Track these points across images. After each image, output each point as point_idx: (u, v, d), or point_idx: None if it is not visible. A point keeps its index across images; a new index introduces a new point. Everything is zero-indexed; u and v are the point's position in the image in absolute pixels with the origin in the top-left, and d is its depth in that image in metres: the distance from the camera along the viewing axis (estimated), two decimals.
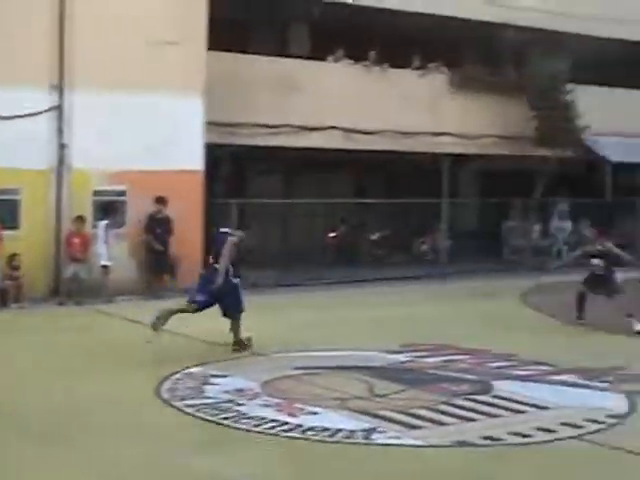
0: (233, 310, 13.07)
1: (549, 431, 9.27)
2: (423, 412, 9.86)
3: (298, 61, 22.91)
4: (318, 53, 23.49)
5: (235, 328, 13.14)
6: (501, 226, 26.43)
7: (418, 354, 13.18)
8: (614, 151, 26.16)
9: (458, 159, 24.90)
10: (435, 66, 24.71)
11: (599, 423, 9.62)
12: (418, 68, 24.62)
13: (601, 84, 26.96)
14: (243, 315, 13.13)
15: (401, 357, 12.97)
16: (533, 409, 10.21)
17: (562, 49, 24.56)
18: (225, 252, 12.84)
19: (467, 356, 13.07)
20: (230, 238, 13.07)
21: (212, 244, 13.65)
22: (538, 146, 24.79)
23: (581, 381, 11.65)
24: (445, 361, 12.76)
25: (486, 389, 11.07)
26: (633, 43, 27.53)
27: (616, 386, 11.35)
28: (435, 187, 24.10)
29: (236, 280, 13.07)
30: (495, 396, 10.75)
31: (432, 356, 13.08)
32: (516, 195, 25.87)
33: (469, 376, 11.78)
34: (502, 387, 11.15)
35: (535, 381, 11.65)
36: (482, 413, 9.96)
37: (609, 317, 16.04)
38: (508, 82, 25.14)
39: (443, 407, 10.12)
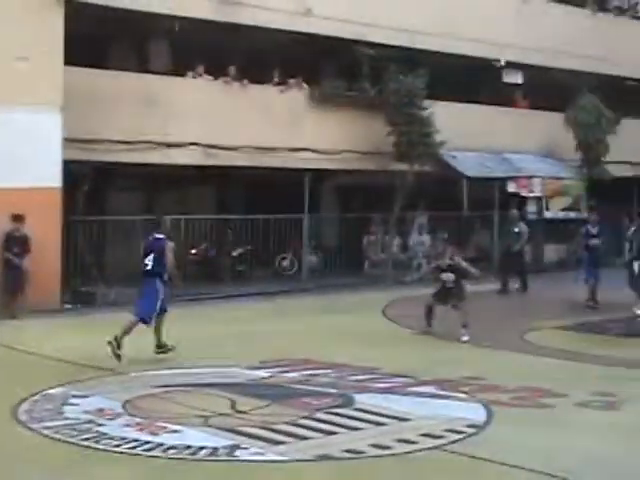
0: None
1: (410, 442, 9.39)
2: (285, 427, 9.87)
3: (158, 77, 22.71)
4: (178, 69, 23.37)
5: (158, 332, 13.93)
6: (362, 240, 26.70)
7: (279, 369, 13.18)
8: (470, 166, 26.76)
9: (319, 174, 25.06)
10: (295, 82, 24.84)
11: (458, 433, 9.79)
12: (278, 84, 24.72)
13: (458, 100, 27.58)
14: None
15: (262, 373, 12.94)
16: (394, 421, 10.32)
17: (419, 65, 25.02)
18: (170, 256, 13.74)
19: (328, 370, 13.13)
20: (169, 243, 13.88)
21: (146, 250, 13.89)
22: (397, 161, 25.16)
23: (440, 392, 11.84)
24: (306, 375, 12.77)
25: (348, 402, 11.14)
26: (488, 60, 28.27)
27: (474, 396, 11.59)
28: (297, 202, 24.20)
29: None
30: (357, 409, 10.83)
31: (293, 371, 13.08)
32: (377, 209, 26.19)
33: (331, 390, 11.83)
34: (363, 400, 11.24)
35: (396, 393, 11.78)
36: (344, 426, 10.02)
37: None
38: (366, 98, 25.46)
39: (305, 422, 10.14)
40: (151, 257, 13.77)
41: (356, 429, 9.95)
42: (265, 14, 23.45)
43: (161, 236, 14.02)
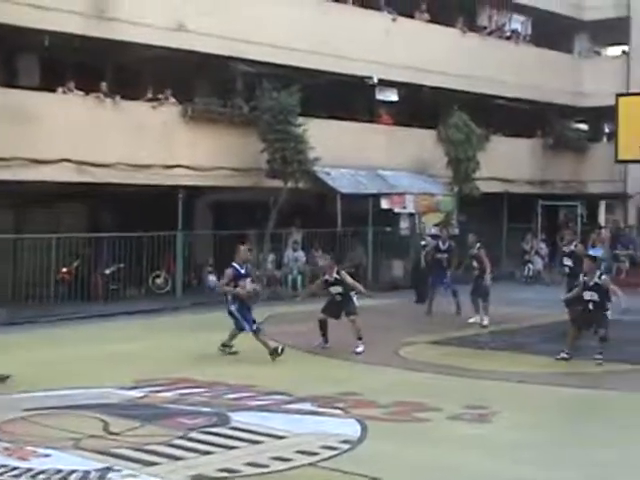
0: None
1: (285, 460, 9.37)
2: (159, 448, 9.73)
3: (28, 92, 22.26)
4: (49, 84, 22.95)
5: None
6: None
7: (153, 389, 12.98)
8: (344, 183, 26.96)
9: (193, 191, 24.91)
10: (167, 98, 24.66)
11: (333, 449, 9.81)
12: (151, 100, 24.50)
13: (333, 118, 27.81)
14: None
15: (136, 393, 12.73)
16: (270, 439, 10.29)
17: (293, 82, 25.14)
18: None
19: (203, 389, 13.01)
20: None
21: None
22: (271, 178, 25.21)
23: (316, 408, 11.85)
24: (181, 395, 12.62)
25: (223, 421, 11.05)
26: (360, 78, 28.60)
27: (349, 412, 11.64)
28: (171, 219, 24.00)
29: None
30: (232, 428, 10.75)
31: (167, 390, 12.91)
32: (251, 226, 26.17)
33: (206, 409, 11.72)
34: (239, 418, 11.17)
35: (272, 411, 11.74)
36: (219, 445, 9.94)
37: (346, 344, 16.47)
38: (240, 114, 25.45)
39: (180, 442, 10.02)
40: None
41: (232, 448, 9.88)
42: (137, 29, 23.26)
43: None
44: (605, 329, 15.24)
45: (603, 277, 15.68)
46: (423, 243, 23.96)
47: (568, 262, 19.11)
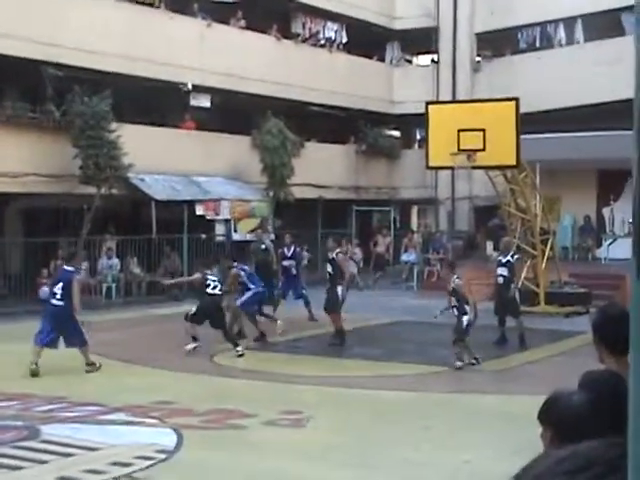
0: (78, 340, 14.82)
1: (98, 472, 9.21)
2: None
3: None
4: None
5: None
6: (49, 265, 25.97)
7: None
8: (159, 189, 26.70)
9: (2, 198, 24.19)
10: None
11: (148, 459, 9.71)
12: None
13: (147, 123, 27.53)
14: None
15: None
16: (83, 451, 10.09)
17: (105, 87, 24.73)
18: (75, 289, 14.81)
19: (13, 402, 12.64)
20: (76, 277, 15.17)
21: (56, 279, 15.11)
22: (84, 184, 24.72)
23: (131, 418, 11.70)
24: None
25: (34, 434, 10.77)
26: (175, 83, 28.43)
27: (164, 421, 11.52)
28: None
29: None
30: (43, 441, 10.50)
31: None
32: (65, 233, 25.59)
33: (16, 422, 11.39)
34: (51, 431, 10.91)
35: (85, 422, 11.51)
36: (30, 460, 9.69)
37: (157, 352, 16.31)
38: (51, 120, 24.88)
39: None
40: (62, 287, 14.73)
41: (43, 462, 9.63)
42: None
43: (72, 269, 15.28)
44: (459, 333, 15.44)
45: (457, 281, 15.76)
46: (263, 247, 23.75)
47: (329, 269, 18.94)
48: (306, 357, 17.16)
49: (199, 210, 27.64)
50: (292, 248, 21.68)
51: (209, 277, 17.49)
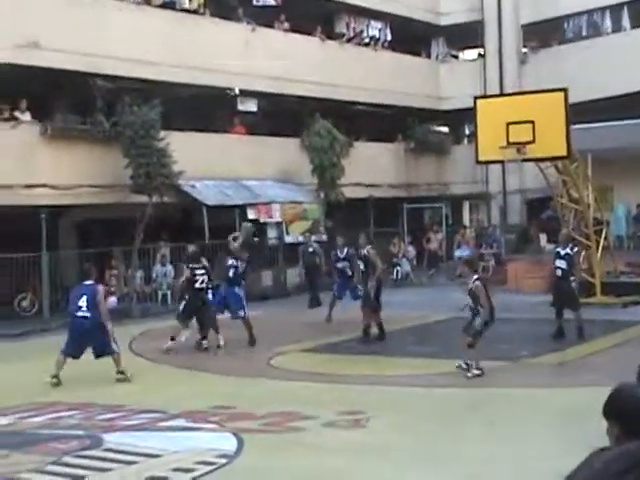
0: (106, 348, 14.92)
1: (161, 478, 9.25)
2: (31, 475, 9.50)
3: None
4: None
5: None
6: (104, 275, 26.18)
7: (22, 415, 12.62)
8: (210, 195, 26.85)
9: (56, 210, 24.44)
10: (25, 117, 24.14)
11: (210, 464, 9.73)
12: (8, 119, 23.93)
13: (195, 130, 27.66)
14: None
15: (3, 420, 12.36)
16: (144, 458, 10.14)
17: (154, 96, 24.90)
18: (101, 300, 15.06)
19: (75, 411, 12.73)
20: (99, 288, 15.30)
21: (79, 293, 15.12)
22: (135, 193, 24.91)
23: (190, 424, 11.74)
24: (52, 419, 12.32)
25: (96, 443, 10.84)
26: (221, 89, 28.58)
27: (224, 426, 11.55)
28: (35, 240, 23.46)
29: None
30: (106, 449, 10.57)
31: (38, 415, 12.58)
32: (118, 243, 25.80)
33: (78, 432, 11.47)
34: (113, 439, 10.98)
35: (145, 430, 11.57)
36: (94, 469, 9.76)
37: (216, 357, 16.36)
38: (101, 131, 25.09)
39: (53, 467, 9.81)
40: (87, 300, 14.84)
41: (106, 470, 9.70)
42: None
43: (91, 282, 15.36)
44: (472, 336, 14.77)
45: (476, 283, 15.00)
46: (310, 250, 23.83)
47: (361, 266, 19.12)
48: (362, 357, 17.11)
49: (251, 214, 27.71)
50: (345, 250, 21.62)
51: (197, 272, 17.82)
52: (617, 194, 31.85)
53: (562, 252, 18.22)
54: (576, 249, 19.50)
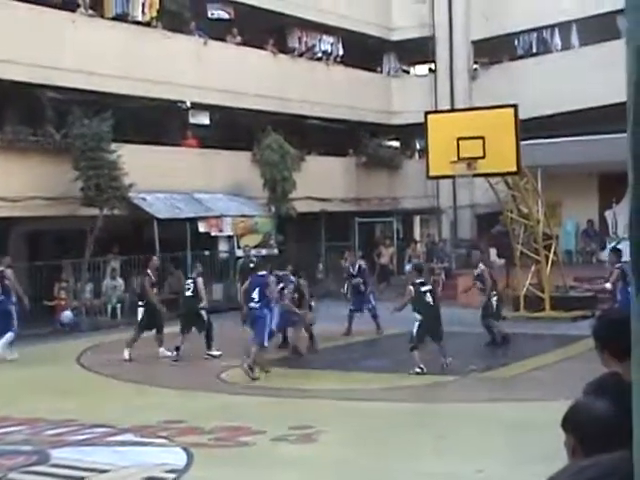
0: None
1: None
2: None
3: None
4: None
5: None
6: (54, 289, 25.95)
7: None
8: (160, 208, 26.72)
9: (6, 222, 24.18)
10: None
11: None
12: None
13: (147, 142, 27.52)
14: None
15: None
16: (92, 474, 10.06)
17: (105, 108, 24.77)
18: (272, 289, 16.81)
19: (22, 426, 12.58)
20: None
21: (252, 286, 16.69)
22: (86, 206, 24.73)
23: (140, 439, 11.66)
24: None
25: (44, 459, 10.73)
26: (173, 102, 28.50)
27: (173, 440, 11.49)
28: None
29: None
30: (53, 465, 10.47)
31: None
32: (68, 256, 25.58)
33: (25, 447, 11.35)
34: (60, 455, 10.88)
35: (94, 444, 11.48)
36: None
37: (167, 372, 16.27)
38: (51, 143, 24.90)
39: None
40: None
41: None
42: None
43: (263, 273, 16.93)
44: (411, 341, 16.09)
45: (409, 287, 16.71)
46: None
47: None
48: (312, 371, 17.12)
49: (202, 227, 27.63)
50: (357, 265, 21.74)
51: (187, 280, 18.25)
52: (566, 209, 32.18)
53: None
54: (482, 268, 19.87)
